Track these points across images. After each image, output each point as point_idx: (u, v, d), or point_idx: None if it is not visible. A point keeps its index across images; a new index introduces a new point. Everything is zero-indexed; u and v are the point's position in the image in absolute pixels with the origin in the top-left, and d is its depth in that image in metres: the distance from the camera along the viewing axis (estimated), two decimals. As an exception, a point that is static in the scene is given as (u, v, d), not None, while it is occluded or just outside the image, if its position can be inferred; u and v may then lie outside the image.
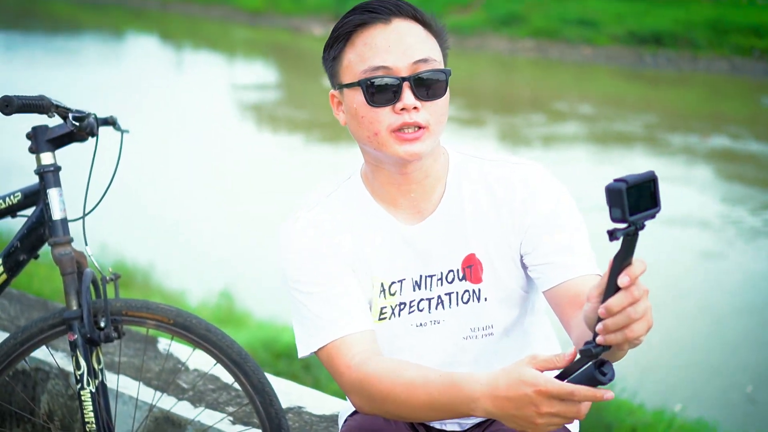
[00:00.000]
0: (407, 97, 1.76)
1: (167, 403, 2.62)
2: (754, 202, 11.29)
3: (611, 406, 5.72)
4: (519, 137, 13.91)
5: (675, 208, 10.60)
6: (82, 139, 2.40)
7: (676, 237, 9.83)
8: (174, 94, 17.95)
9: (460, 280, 1.91)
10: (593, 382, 1.43)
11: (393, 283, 1.91)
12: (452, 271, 1.91)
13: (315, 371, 6.00)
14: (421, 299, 1.91)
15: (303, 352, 1.88)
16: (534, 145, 13.60)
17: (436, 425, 2.00)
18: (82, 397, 2.28)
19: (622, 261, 1.41)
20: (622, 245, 1.39)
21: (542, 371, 1.49)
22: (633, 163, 12.80)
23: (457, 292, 1.91)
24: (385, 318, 1.91)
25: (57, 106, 2.28)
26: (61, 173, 2.37)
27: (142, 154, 11.97)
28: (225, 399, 2.68)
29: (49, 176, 2.35)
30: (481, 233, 1.90)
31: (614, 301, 1.40)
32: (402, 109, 1.77)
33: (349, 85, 1.81)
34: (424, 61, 1.78)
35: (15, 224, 2.50)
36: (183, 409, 2.61)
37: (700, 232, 10.05)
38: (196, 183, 11.78)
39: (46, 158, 2.36)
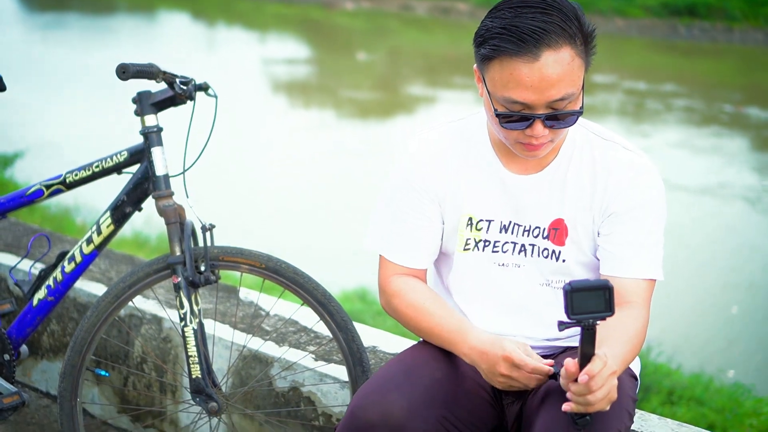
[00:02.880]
0: (538, 129, 1.92)
1: (254, 344, 2.88)
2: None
3: (648, 370, 5.88)
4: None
5: (708, 179, 10.72)
6: (181, 103, 2.64)
7: (708, 207, 9.95)
8: (206, 71, 18.13)
9: (544, 238, 2.12)
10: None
11: (481, 220, 2.14)
12: (539, 228, 2.12)
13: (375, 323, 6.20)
14: (506, 242, 2.14)
15: (368, 245, 2.24)
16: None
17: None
18: (186, 333, 2.54)
19: (584, 349, 1.71)
20: (581, 336, 1.70)
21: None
22: (666, 135, 12.89)
23: (539, 246, 2.12)
24: (468, 249, 2.15)
25: (164, 73, 2.53)
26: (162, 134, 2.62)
27: (177, 130, 12.07)
28: (306, 340, 2.93)
29: (152, 136, 2.60)
30: (574, 203, 2.09)
31: (575, 389, 1.74)
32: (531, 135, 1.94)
33: (489, 94, 1.94)
34: (562, 99, 1.88)
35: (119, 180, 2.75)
36: (269, 348, 2.86)
37: (733, 202, 10.15)
38: (232, 158, 12.00)
39: (150, 120, 2.60)
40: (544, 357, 2.20)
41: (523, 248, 2.14)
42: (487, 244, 2.15)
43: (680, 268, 7.96)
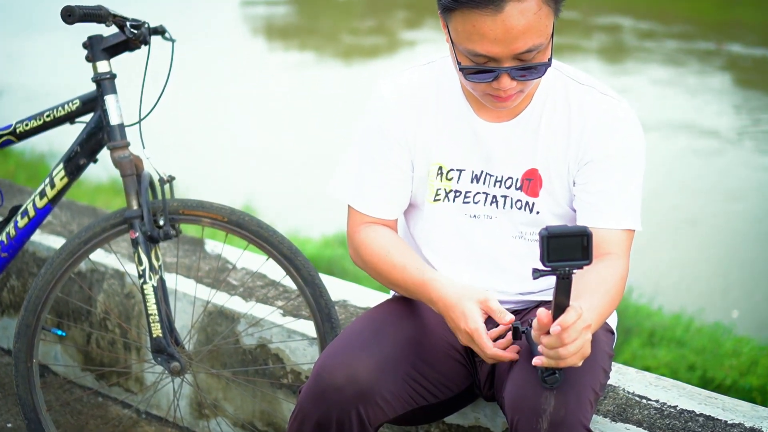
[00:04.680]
0: (505, 82, 1.80)
1: (220, 299, 2.77)
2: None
3: (630, 311, 5.84)
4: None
5: (689, 116, 10.63)
6: (135, 48, 2.49)
7: (690, 145, 9.87)
8: (182, 11, 17.81)
9: (517, 189, 2.01)
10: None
11: (452, 170, 2.03)
12: (511, 178, 2.01)
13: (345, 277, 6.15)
14: (478, 192, 2.03)
15: (331, 192, 2.13)
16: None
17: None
18: (145, 291, 2.42)
19: (558, 299, 1.60)
20: (555, 286, 1.58)
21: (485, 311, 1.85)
22: (648, 73, 12.77)
23: (512, 198, 2.02)
24: (439, 200, 2.05)
25: (114, 15, 2.38)
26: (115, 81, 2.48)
27: (154, 71, 11.92)
28: (273, 294, 2.83)
29: (105, 83, 2.46)
30: (548, 151, 1.98)
31: (546, 341, 1.64)
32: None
33: (453, 44, 1.83)
34: (529, 51, 1.76)
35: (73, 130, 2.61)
36: (235, 303, 2.76)
37: (714, 141, 10.08)
38: (210, 100, 11.82)
39: (102, 66, 2.46)
40: (516, 312, 2.12)
41: (495, 199, 2.03)
42: (458, 194, 2.05)
43: (660, 207, 7.90)
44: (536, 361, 1.68)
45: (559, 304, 1.61)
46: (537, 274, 1.57)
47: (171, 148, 9.76)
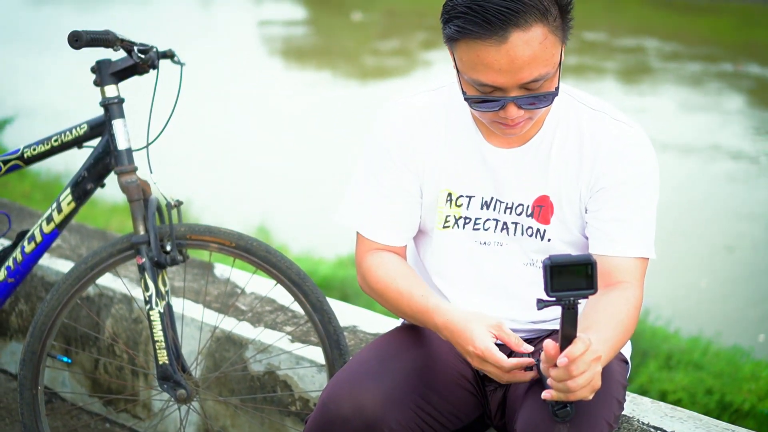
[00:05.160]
0: (512, 111, 1.77)
1: (228, 324, 2.74)
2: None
3: (647, 334, 5.78)
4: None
5: (706, 138, 10.56)
6: (144, 72, 2.48)
7: (706, 167, 9.81)
8: (201, 34, 17.91)
9: (528, 216, 1.97)
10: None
11: (461, 196, 1.99)
12: (522, 205, 1.97)
13: (353, 302, 6.08)
14: (488, 219, 1.99)
15: (338, 219, 2.08)
16: (564, 75, 13.49)
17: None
18: (151, 317, 2.40)
19: (564, 330, 1.56)
20: (561, 316, 1.54)
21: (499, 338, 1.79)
22: (664, 94, 12.72)
23: (522, 225, 1.98)
24: (448, 227, 2.01)
25: (122, 40, 2.36)
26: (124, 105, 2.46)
27: (172, 93, 11.96)
28: (282, 320, 2.79)
29: (113, 108, 2.44)
30: (560, 178, 1.94)
31: (554, 373, 1.59)
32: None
33: (458, 73, 1.80)
34: (535, 81, 1.73)
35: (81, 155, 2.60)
36: (243, 329, 2.72)
37: (731, 162, 10.01)
38: (227, 121, 11.83)
39: (110, 90, 2.44)
40: (529, 341, 2.06)
41: (505, 226, 1.99)
42: (467, 221, 2.01)
43: (678, 229, 7.84)
44: (545, 394, 1.64)
45: (566, 335, 1.57)
46: (541, 304, 1.53)
47: (185, 169, 9.78)
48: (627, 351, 2.11)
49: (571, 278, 1.49)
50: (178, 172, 9.55)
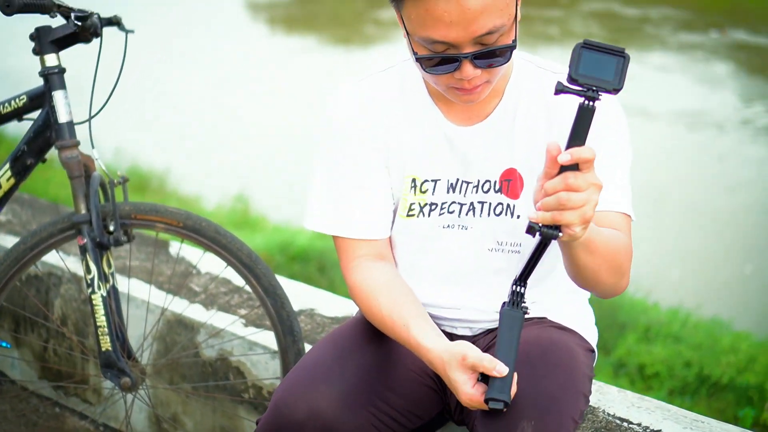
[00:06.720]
0: (467, 70, 1.63)
1: (179, 306, 2.62)
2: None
3: (625, 306, 5.71)
4: (536, 34, 13.67)
5: (689, 103, 10.48)
6: (86, 40, 2.33)
7: (692, 136, 9.73)
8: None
9: (496, 192, 1.84)
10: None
11: (426, 181, 1.85)
12: (489, 181, 1.84)
13: (330, 273, 6.01)
14: (453, 202, 1.86)
15: (310, 226, 1.91)
16: (552, 41, 13.39)
17: (447, 329, 1.97)
18: (93, 302, 2.27)
19: (574, 136, 1.41)
20: (575, 119, 1.39)
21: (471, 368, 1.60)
22: (648, 58, 12.60)
23: (490, 203, 1.85)
24: (413, 215, 1.87)
25: (59, 6, 2.21)
26: (66, 76, 2.32)
27: (150, 56, 11.84)
28: (237, 302, 2.67)
29: (53, 78, 2.30)
30: (529, 149, 1.81)
31: (550, 183, 1.43)
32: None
33: (408, 35, 1.66)
34: (489, 33, 1.59)
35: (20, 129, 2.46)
36: (195, 311, 2.60)
37: (718, 131, 9.93)
38: (209, 87, 11.66)
39: (51, 59, 2.30)
40: (494, 330, 1.93)
41: (471, 208, 1.85)
42: (433, 207, 1.87)
43: (661, 198, 7.75)
44: (532, 216, 1.46)
45: (576, 136, 1.42)
46: (561, 86, 1.40)
47: (164, 137, 9.64)
48: (593, 339, 2.00)
49: (599, 66, 1.38)
50: (155, 140, 9.41)
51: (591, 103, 1.38)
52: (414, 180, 1.86)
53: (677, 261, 7.06)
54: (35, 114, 2.39)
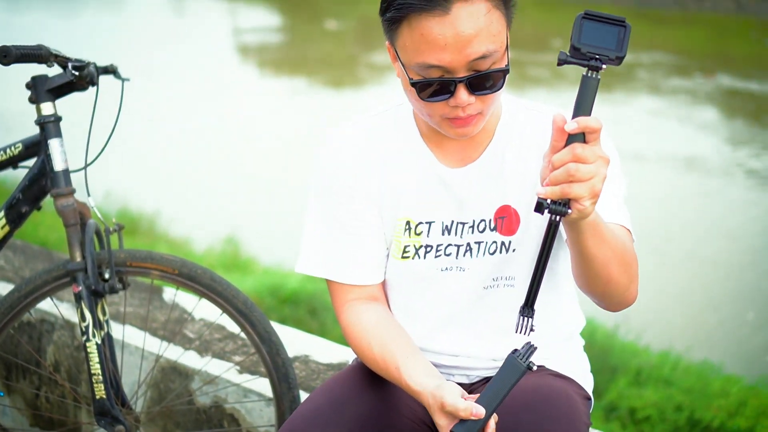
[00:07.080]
0: (462, 95, 1.66)
1: (174, 353, 2.61)
2: (759, 143, 11.21)
3: (616, 349, 5.70)
4: (525, 77, 13.78)
5: (679, 148, 10.54)
6: (83, 89, 2.35)
7: (678, 178, 9.78)
8: (175, 40, 17.76)
9: (491, 230, 1.86)
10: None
11: (421, 223, 1.87)
12: (484, 220, 1.86)
13: (321, 316, 5.99)
14: (449, 244, 1.87)
15: (302, 269, 1.92)
16: (541, 84, 13.48)
17: (445, 377, 1.97)
18: (88, 349, 2.27)
19: (579, 108, 1.41)
20: (578, 91, 1.40)
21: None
22: (637, 103, 12.71)
23: (486, 242, 1.86)
24: (408, 257, 1.88)
25: (56, 56, 2.23)
26: (62, 124, 2.34)
27: (144, 101, 11.89)
28: (231, 348, 2.67)
29: (49, 126, 2.31)
30: (522, 185, 1.84)
31: (557, 156, 1.44)
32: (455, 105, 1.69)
33: (404, 66, 1.70)
34: (483, 57, 1.63)
35: (17, 175, 2.47)
36: (190, 359, 2.60)
37: (704, 173, 9.99)
38: (199, 129, 11.69)
39: (47, 108, 2.31)
40: (489, 379, 1.94)
41: (468, 249, 1.87)
42: (429, 249, 1.88)
43: (651, 241, 7.78)
44: (540, 191, 1.47)
45: (581, 107, 1.42)
46: (564, 56, 1.40)
47: (154, 180, 9.64)
48: (589, 387, 2.00)
49: (601, 35, 1.38)
50: (145, 183, 9.42)
51: (594, 73, 1.39)
52: (408, 222, 1.88)
53: (667, 304, 7.07)
54: (31, 162, 2.40)
